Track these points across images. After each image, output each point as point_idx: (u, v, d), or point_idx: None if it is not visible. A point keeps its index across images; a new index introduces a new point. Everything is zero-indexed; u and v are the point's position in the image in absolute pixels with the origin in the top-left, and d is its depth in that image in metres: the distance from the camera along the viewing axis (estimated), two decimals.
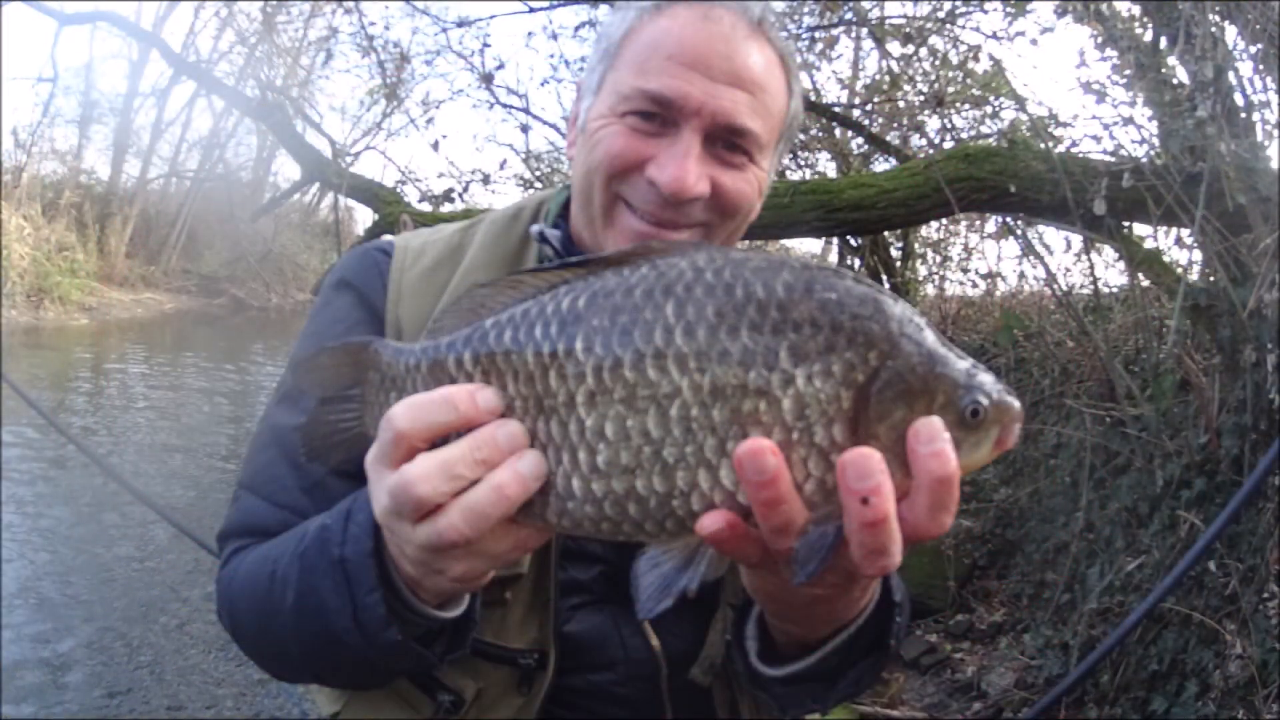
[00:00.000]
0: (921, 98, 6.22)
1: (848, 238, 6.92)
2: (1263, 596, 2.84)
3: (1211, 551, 2.96)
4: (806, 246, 9.02)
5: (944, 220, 6.57)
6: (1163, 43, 3.75)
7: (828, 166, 7.20)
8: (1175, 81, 3.64)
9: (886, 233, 6.83)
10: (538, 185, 7.56)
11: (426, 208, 6.81)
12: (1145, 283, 4.21)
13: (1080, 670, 2.18)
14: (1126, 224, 3.98)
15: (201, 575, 5.56)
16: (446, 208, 6.93)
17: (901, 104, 6.36)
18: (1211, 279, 3.32)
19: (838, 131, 6.85)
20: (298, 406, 1.04)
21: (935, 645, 4.41)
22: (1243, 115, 3.30)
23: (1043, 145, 4.08)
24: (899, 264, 7.54)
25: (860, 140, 6.72)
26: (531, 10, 6.51)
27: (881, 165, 6.50)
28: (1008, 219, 4.95)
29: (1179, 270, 3.98)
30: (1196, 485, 3.25)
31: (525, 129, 7.30)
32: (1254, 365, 2.99)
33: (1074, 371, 4.81)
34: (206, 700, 4.31)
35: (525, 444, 0.69)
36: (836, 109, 6.61)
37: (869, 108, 6.55)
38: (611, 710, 1.08)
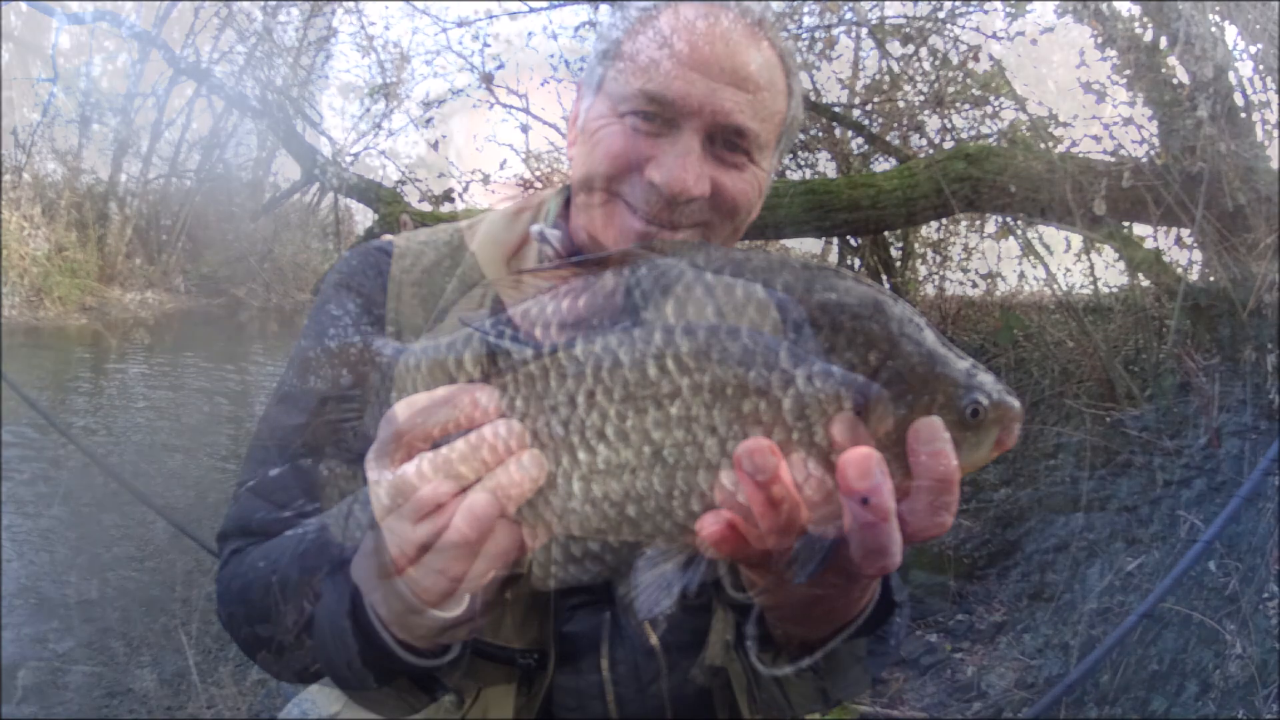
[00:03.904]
0: (921, 98, 6.22)
1: (847, 238, 6.92)
2: (1263, 596, 2.84)
3: (1211, 551, 2.96)
4: (806, 246, 9.00)
5: (944, 220, 6.57)
6: (1163, 43, 3.75)
7: (828, 166, 7.19)
8: (1175, 81, 3.64)
9: (886, 233, 6.83)
10: (538, 185, 7.55)
11: (426, 208, 6.80)
12: (1145, 283, 4.21)
13: (1080, 670, 2.18)
14: (1126, 224, 3.98)
15: (201, 575, 5.54)
16: (446, 208, 6.93)
17: (901, 104, 6.36)
18: (1211, 279, 3.32)
19: (838, 131, 6.84)
20: (298, 406, 1.04)
21: (935, 645, 4.40)
22: (1243, 115, 3.30)
23: (1043, 145, 4.08)
24: (899, 264, 7.53)
25: (860, 140, 6.72)
26: (531, 10, 6.52)
27: (881, 165, 6.50)
28: (1008, 219, 4.94)
29: (1179, 270, 3.97)
30: (1196, 485, 3.25)
31: (525, 129, 7.32)
32: (1254, 365, 2.99)
33: (1074, 371, 4.80)
34: (206, 700, 4.30)
35: (525, 444, 0.69)
36: (836, 109, 6.60)
37: (869, 108, 6.54)
38: (611, 710, 1.08)
